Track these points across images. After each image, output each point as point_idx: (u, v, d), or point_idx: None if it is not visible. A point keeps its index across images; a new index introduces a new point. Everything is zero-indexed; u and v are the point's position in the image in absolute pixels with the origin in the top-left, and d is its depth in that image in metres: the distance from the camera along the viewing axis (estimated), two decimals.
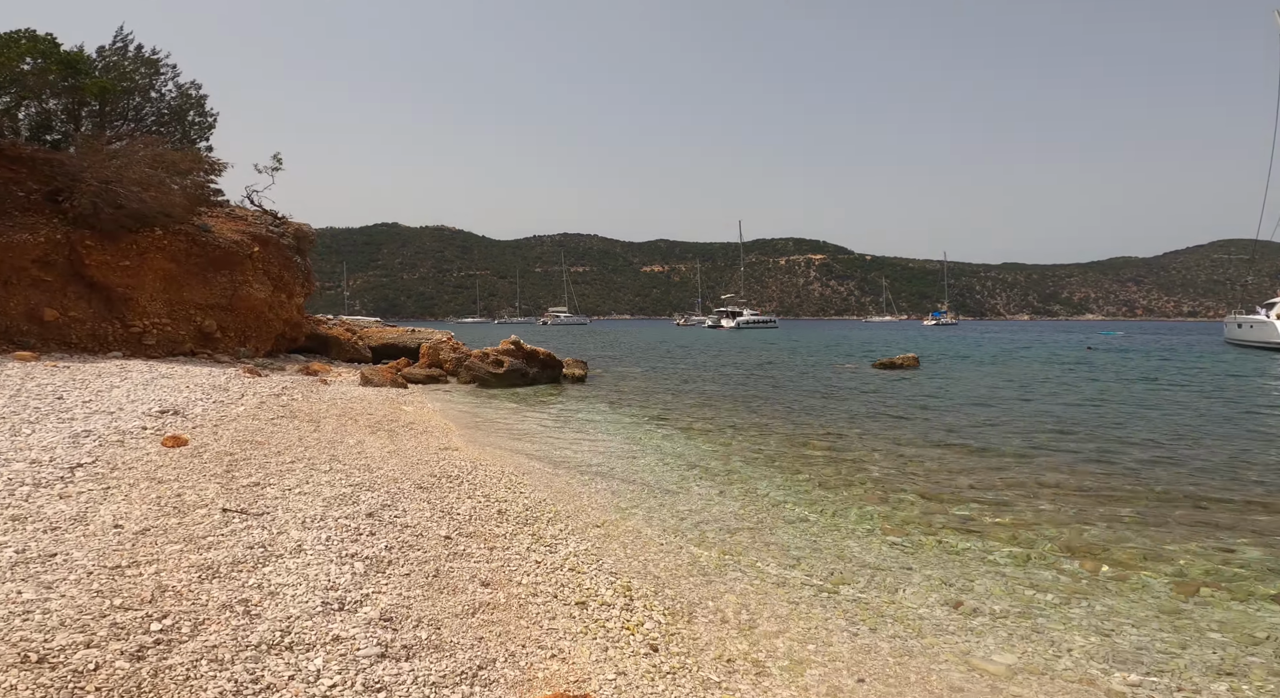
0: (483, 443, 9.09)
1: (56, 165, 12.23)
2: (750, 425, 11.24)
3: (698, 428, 11.10)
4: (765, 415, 12.24)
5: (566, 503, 6.42)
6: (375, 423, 9.01)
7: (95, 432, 6.33)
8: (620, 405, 13.55)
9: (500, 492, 6.33)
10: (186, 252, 13.70)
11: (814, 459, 8.77)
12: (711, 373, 21.10)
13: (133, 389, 8.63)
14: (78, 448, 5.77)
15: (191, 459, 5.67)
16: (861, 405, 13.51)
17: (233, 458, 5.84)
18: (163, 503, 4.44)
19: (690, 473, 8.04)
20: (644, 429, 10.88)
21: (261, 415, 8.13)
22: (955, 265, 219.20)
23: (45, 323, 11.82)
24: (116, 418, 6.99)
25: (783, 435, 10.38)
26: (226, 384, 10.11)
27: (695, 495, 7.07)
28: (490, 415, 11.82)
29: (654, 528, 5.92)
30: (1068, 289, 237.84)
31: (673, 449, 9.37)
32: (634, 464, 8.37)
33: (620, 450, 9.20)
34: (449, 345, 19.04)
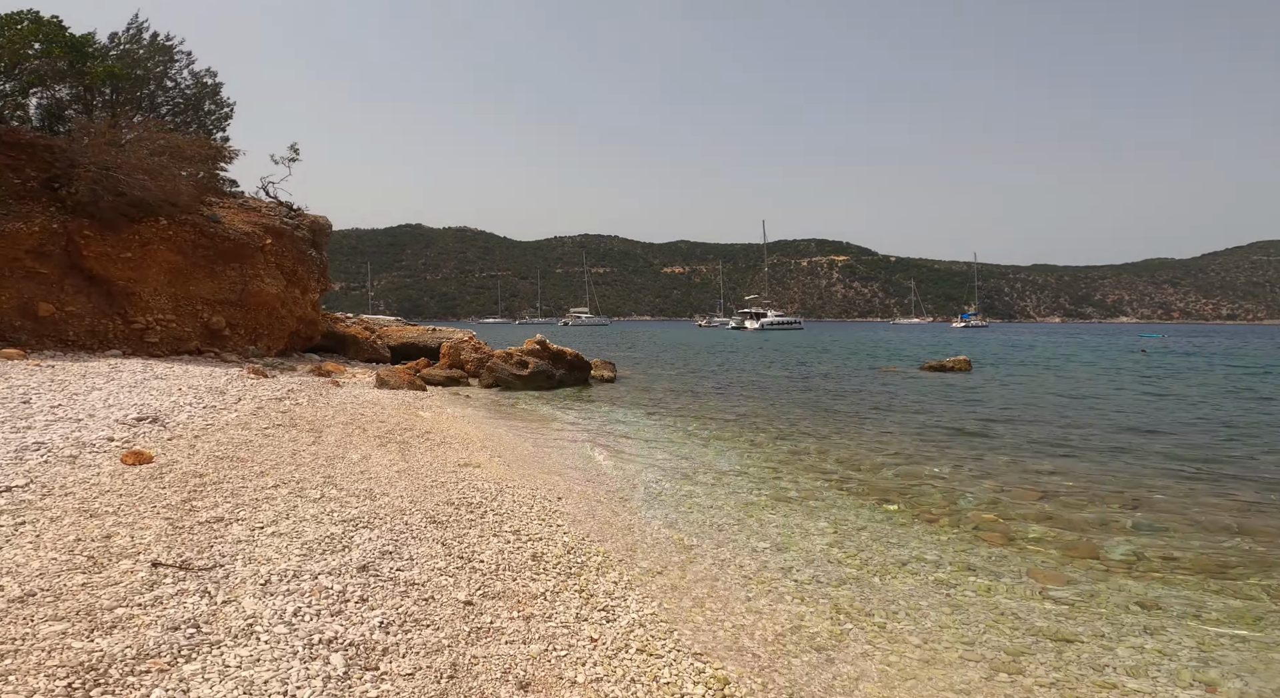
0: (508, 457, 7.89)
1: (56, 151, 11.37)
2: (809, 438, 9.88)
3: (748, 439, 9.79)
4: (824, 427, 10.86)
5: (616, 540, 5.17)
6: (386, 433, 7.86)
7: (48, 444, 5.24)
8: (657, 412, 12.28)
9: (533, 525, 5.11)
10: (194, 243, 12.77)
11: (898, 482, 7.39)
12: (748, 376, 19.73)
13: (115, 392, 7.59)
14: (17, 465, 4.68)
15: (148, 482, 4.53)
16: (931, 416, 12.04)
17: (200, 481, 4.69)
18: (79, 549, 3.28)
19: (755, 497, 6.75)
20: (689, 441, 9.60)
21: (254, 424, 7.02)
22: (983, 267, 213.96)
23: (40, 318, 10.94)
24: (82, 427, 5.92)
25: (853, 452, 9.01)
26: (225, 387, 9.06)
27: (770, 528, 5.77)
28: (515, 423, 10.64)
29: (732, 575, 4.66)
30: (1100, 291, 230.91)
31: (727, 466, 8.07)
32: (687, 486, 7.10)
33: (667, 467, 7.94)
34: (470, 345, 17.97)
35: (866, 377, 19.53)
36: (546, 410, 12.25)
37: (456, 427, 9.40)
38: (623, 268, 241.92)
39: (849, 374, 20.41)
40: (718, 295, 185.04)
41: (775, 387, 16.90)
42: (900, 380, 18.21)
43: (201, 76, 15.97)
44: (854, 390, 15.95)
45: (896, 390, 15.86)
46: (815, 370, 21.86)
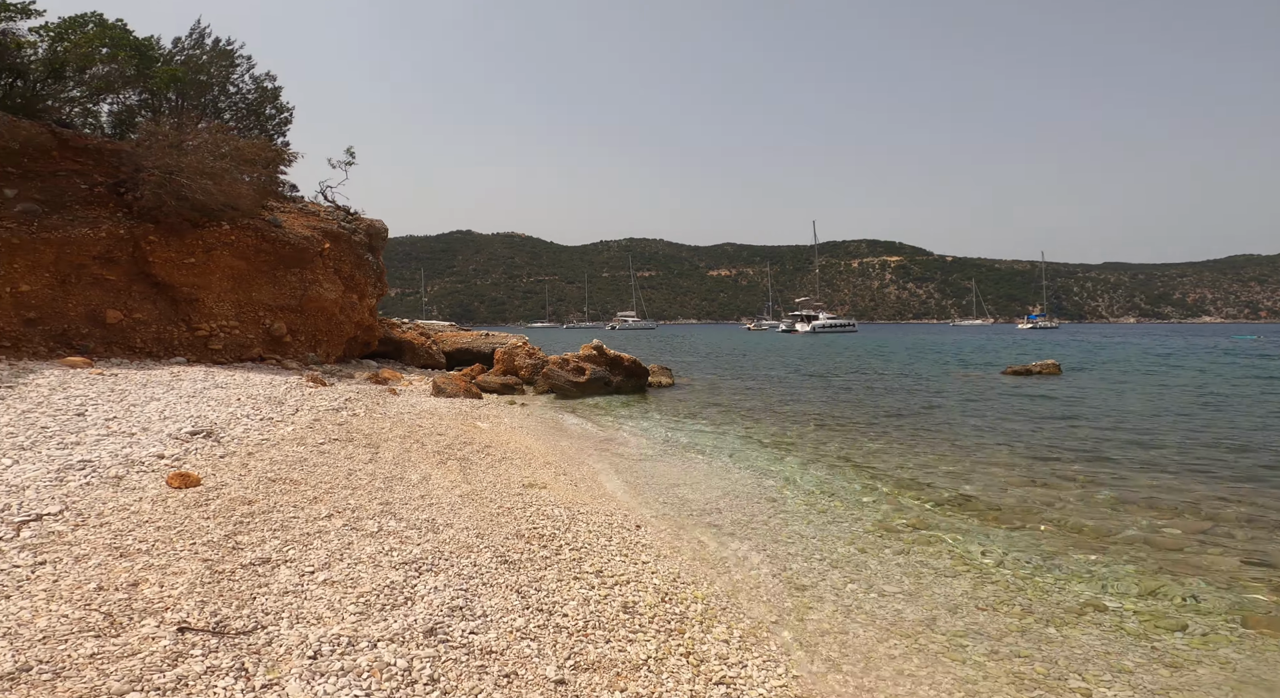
0: (573, 475, 7.24)
1: (123, 156, 11.45)
2: (902, 452, 8.86)
3: (834, 453, 8.85)
4: (917, 440, 9.79)
5: (712, 580, 4.42)
6: (445, 447, 7.32)
7: (95, 463, 4.85)
8: (725, 422, 11.45)
9: (615, 562, 4.41)
10: (255, 248, 12.71)
11: (1028, 507, 6.34)
12: (811, 382, 18.63)
13: (173, 403, 7.31)
14: (57, 488, 4.26)
15: (191, 511, 4.03)
16: (1036, 426, 10.77)
17: (249, 510, 4.16)
18: (98, 602, 2.74)
19: (862, 525, 5.87)
20: (766, 455, 8.74)
21: (310, 439, 6.57)
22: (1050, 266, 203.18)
23: (108, 325, 10.98)
24: (133, 443, 5.55)
25: (961, 469, 7.95)
26: (283, 396, 8.75)
27: (892, 565, 4.91)
28: (576, 434, 10.01)
29: (864, 627, 3.87)
30: (1179, 290, 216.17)
31: (815, 486, 7.19)
32: (779, 511, 6.27)
33: (750, 488, 7.12)
34: (524, 351, 17.54)
35: (945, 382, 18.14)
36: (607, 420, 11.59)
37: (516, 440, 8.83)
38: (668, 271, 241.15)
39: (925, 379, 19.03)
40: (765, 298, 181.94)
41: (846, 393, 15.79)
42: (985, 387, 16.77)
43: (261, 80, 16.12)
44: (937, 398, 14.70)
45: (986, 398, 14.53)
46: (885, 375, 20.54)
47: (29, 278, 9.62)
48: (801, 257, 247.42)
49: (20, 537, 3.49)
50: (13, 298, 9.37)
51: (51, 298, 10.07)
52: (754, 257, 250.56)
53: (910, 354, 33.27)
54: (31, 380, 7.40)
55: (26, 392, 6.85)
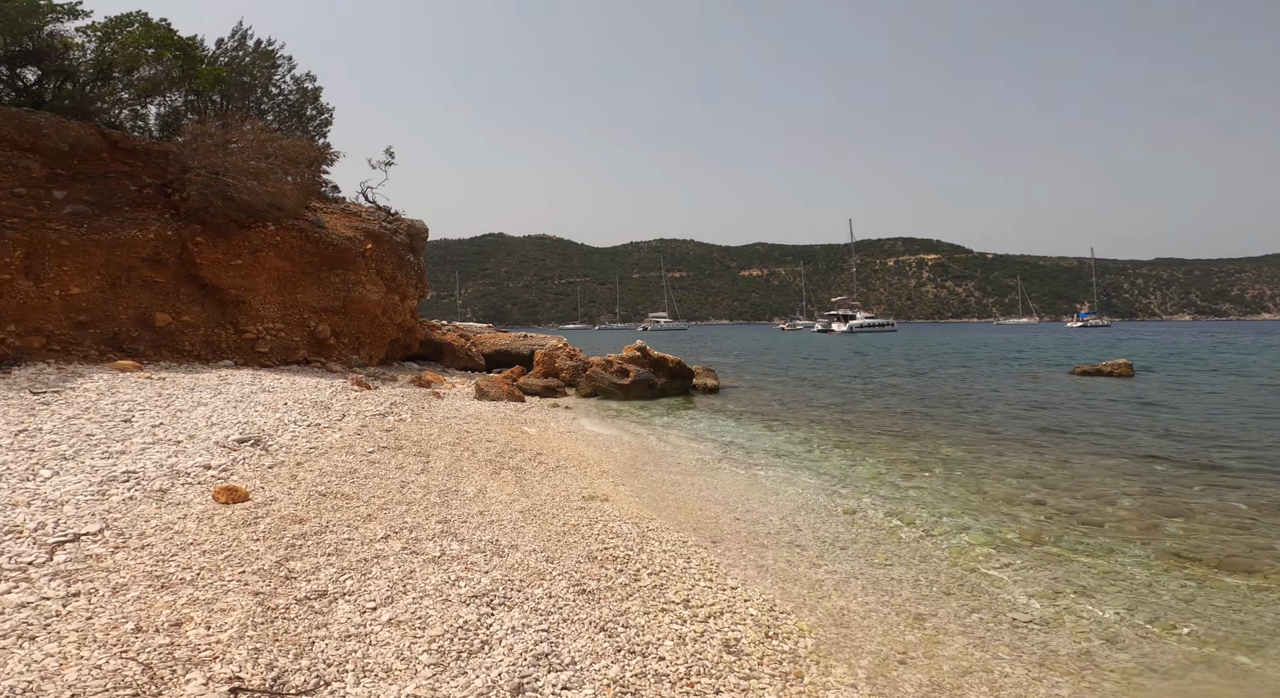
0: (633, 485, 6.76)
1: (170, 157, 11.43)
2: (981, 459, 8.12)
3: (907, 460, 8.18)
4: (994, 446, 9.02)
5: (814, 608, 3.92)
6: (496, 455, 6.92)
7: (139, 474, 4.56)
8: (782, 428, 10.83)
9: (700, 588, 3.92)
10: (299, 249, 12.60)
11: (1148, 520, 5.60)
12: (860, 383, 17.81)
13: (220, 409, 7.07)
14: (98, 503, 3.96)
15: (239, 530, 3.66)
16: (1120, 429, 9.86)
17: (300, 530, 3.78)
18: (135, 648, 2.36)
19: (966, 537, 5.24)
20: (836, 465, 8.11)
21: (359, 447, 6.23)
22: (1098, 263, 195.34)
23: (157, 328, 10.94)
24: (179, 451, 5.27)
25: (1054, 478, 7.19)
26: (329, 400, 8.48)
27: (1015, 587, 4.30)
28: (626, 440, 9.53)
29: (1009, 662, 3.31)
30: (1238, 286, 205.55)
31: (896, 494, 6.54)
32: (864, 527, 5.67)
33: (826, 500, 6.53)
34: (565, 352, 17.17)
35: (1007, 383, 17.13)
36: (657, 425, 11.09)
37: (567, 446, 8.39)
38: (699, 272, 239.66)
39: (984, 380, 18.04)
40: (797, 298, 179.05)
41: (902, 395, 14.98)
42: (1054, 388, 15.74)
43: (302, 81, 16.10)
44: (1003, 400, 13.80)
45: (1057, 400, 13.57)
46: (940, 376, 19.57)
47: (79, 281, 9.59)
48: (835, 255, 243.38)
49: (54, 561, 3.16)
50: (63, 301, 9.34)
51: (102, 301, 10.04)
52: (786, 256, 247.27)
53: (960, 354, 31.96)
54: (79, 385, 7.25)
55: (74, 396, 6.68)
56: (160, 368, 9.71)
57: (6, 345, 8.25)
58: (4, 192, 9.08)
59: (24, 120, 10.07)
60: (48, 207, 9.53)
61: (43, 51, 12.19)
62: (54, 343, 9.18)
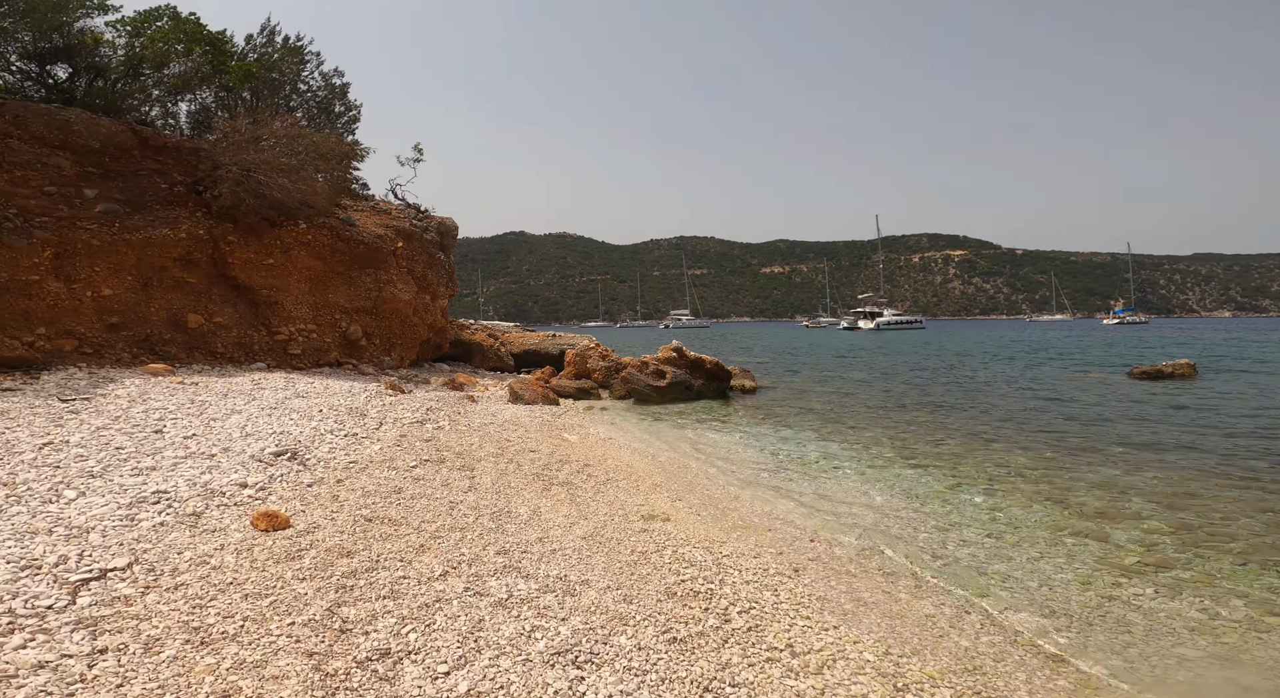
0: (690, 501, 6.26)
1: (201, 154, 11.18)
2: (1060, 470, 7.43)
3: (979, 470, 7.55)
4: (1078, 457, 8.31)
5: (936, 649, 3.42)
6: (543, 468, 6.46)
7: (171, 494, 4.17)
8: (833, 434, 10.23)
9: (801, 629, 3.46)
10: (331, 248, 12.30)
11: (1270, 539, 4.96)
12: (902, 383, 17.08)
13: (254, 417, 6.72)
14: (127, 529, 3.57)
15: (283, 566, 3.24)
16: (1215, 439, 9.09)
17: (349, 566, 3.34)
18: None
19: (1081, 563, 4.64)
20: (903, 474, 7.51)
21: (400, 460, 5.81)
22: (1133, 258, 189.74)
23: (190, 330, 10.70)
24: (213, 467, 4.88)
25: (1168, 491, 6.49)
26: (364, 406, 8.11)
27: (1164, 619, 3.70)
28: (671, 446, 9.02)
29: None
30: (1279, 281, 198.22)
31: (989, 511, 5.94)
32: (959, 544, 5.09)
33: (906, 513, 5.96)
34: (597, 353, 16.71)
35: (1064, 386, 16.27)
36: (700, 430, 10.57)
37: (612, 456, 7.91)
38: (720, 269, 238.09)
39: (1043, 383, 17.18)
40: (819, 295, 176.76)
41: (951, 398, 14.24)
42: (1121, 392, 14.87)
43: (330, 77, 15.83)
44: (1063, 404, 13.01)
45: (1125, 406, 12.74)
46: (988, 378, 18.74)
47: (111, 281, 9.36)
48: (858, 252, 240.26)
49: (77, 605, 2.75)
50: (95, 302, 9.11)
51: (134, 302, 9.81)
52: (808, 253, 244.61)
53: (1000, 354, 30.89)
54: (110, 391, 6.95)
55: (104, 404, 6.37)
56: (193, 371, 9.45)
57: (36, 349, 8.01)
58: (33, 190, 8.86)
59: (54, 117, 9.86)
60: (78, 205, 9.30)
61: (73, 48, 12.04)
62: (86, 346, 8.95)
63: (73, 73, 12.63)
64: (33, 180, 9.03)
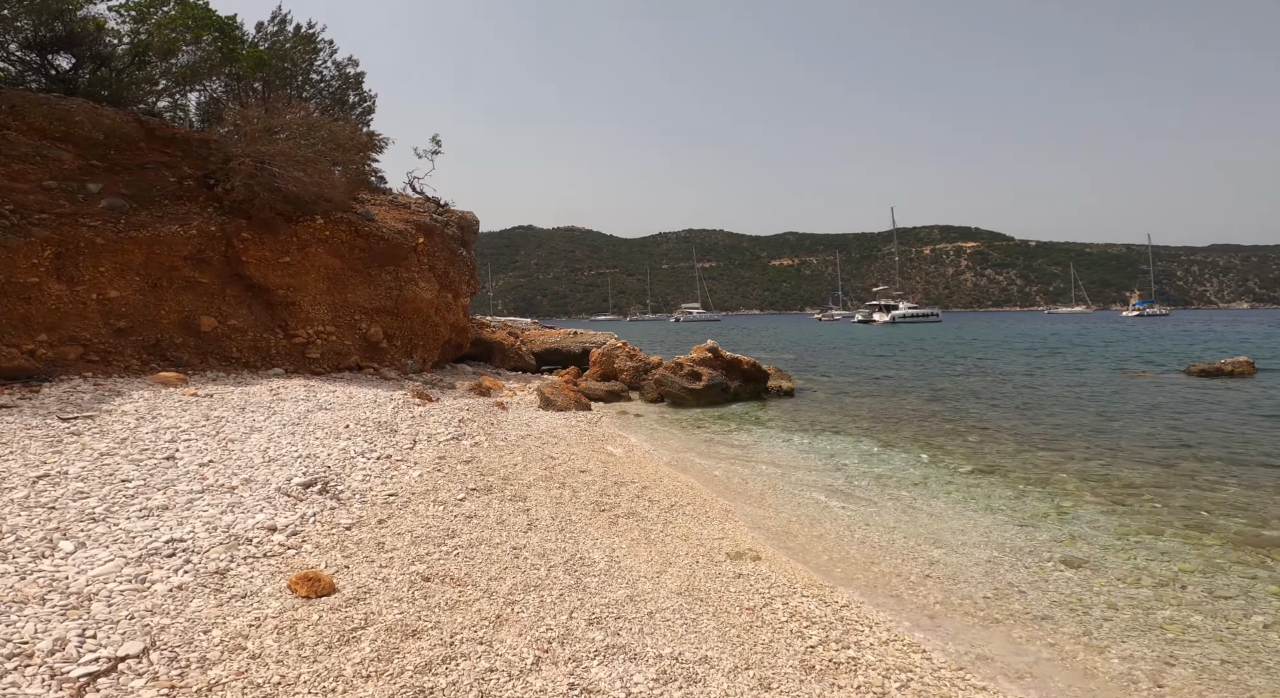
0: (770, 527, 5.52)
1: (213, 146, 10.48)
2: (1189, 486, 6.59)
3: (1076, 487, 6.75)
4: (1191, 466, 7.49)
5: None
6: (600, 495, 5.73)
7: (189, 542, 3.47)
8: (896, 443, 9.44)
9: None
10: (349, 245, 11.59)
11: None
12: (944, 383, 16.22)
13: (276, 436, 6.02)
14: (138, 595, 2.88)
15: (338, 655, 2.52)
16: None
17: (419, 652, 2.62)
18: None
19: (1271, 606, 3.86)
20: (997, 493, 6.72)
21: (444, 490, 5.10)
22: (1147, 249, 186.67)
23: (203, 334, 10.04)
24: (235, 504, 4.18)
25: None
26: (393, 419, 7.41)
27: None
28: (726, 461, 8.25)
29: None
30: None
31: (1124, 540, 5.13)
32: (1107, 583, 4.31)
33: (1023, 543, 5.18)
34: (625, 352, 15.97)
35: (1120, 385, 15.39)
36: (745, 438, 9.80)
37: (666, 473, 7.17)
38: (729, 262, 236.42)
39: (1088, 381, 16.30)
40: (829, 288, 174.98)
41: (1008, 401, 13.38)
42: (1180, 392, 13.98)
43: (344, 66, 15.10)
44: (1133, 406, 12.15)
45: (1202, 410, 11.87)
46: (1033, 376, 17.86)
47: (117, 282, 8.68)
48: (868, 244, 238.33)
49: None
50: (100, 305, 8.44)
51: (143, 304, 9.14)
52: (817, 245, 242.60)
53: (1030, 349, 29.91)
54: (117, 406, 6.26)
55: (109, 423, 5.68)
56: (206, 379, 8.78)
57: (38, 358, 7.34)
58: (32, 184, 8.18)
59: (54, 107, 9.18)
60: (81, 201, 8.62)
61: (75, 36, 11.35)
62: (91, 353, 8.28)
63: (76, 63, 11.95)
64: (31, 174, 8.35)
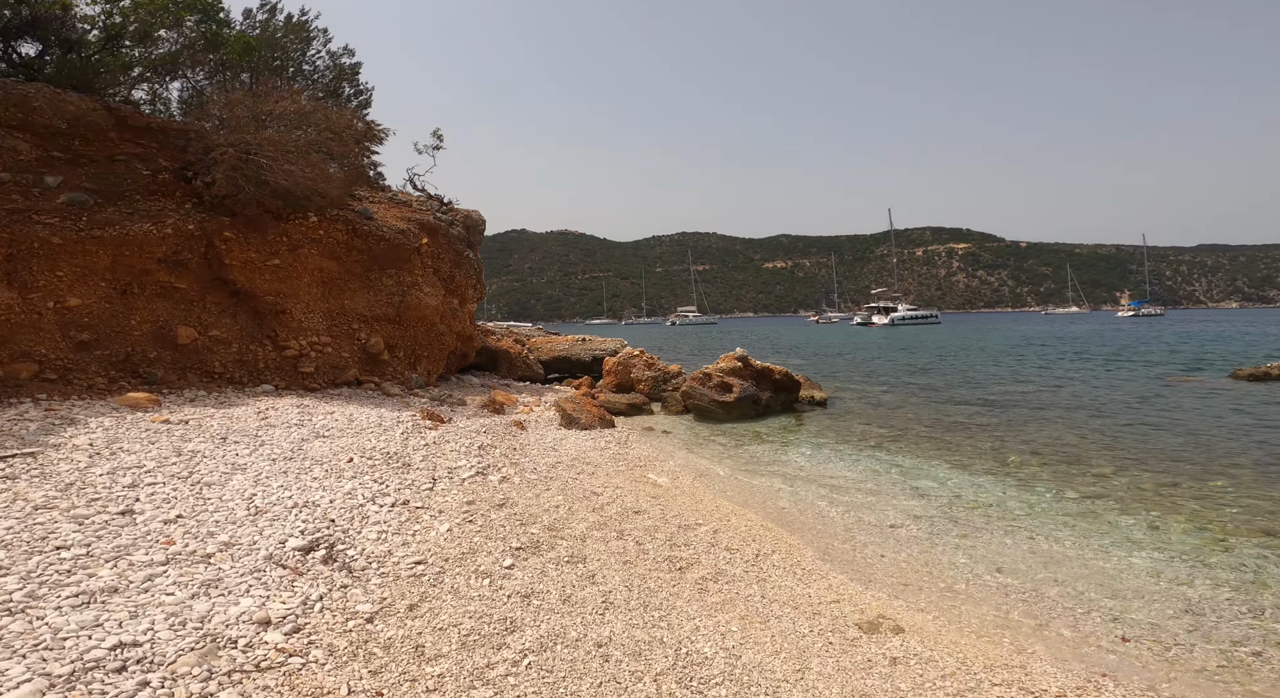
0: (884, 581, 4.46)
1: (193, 136, 9.34)
2: None
3: (1192, 512, 5.73)
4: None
5: None
6: (669, 546, 4.65)
7: (145, 650, 2.37)
8: (963, 461, 8.39)
9: None
10: (346, 245, 10.46)
11: None
12: (987, 392, 15.25)
13: (265, 476, 4.90)
14: None
15: None
16: None
17: None
18: None
19: None
20: (1117, 522, 5.68)
21: (484, 551, 3.99)
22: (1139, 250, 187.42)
23: (180, 346, 8.87)
24: (212, 583, 3.07)
25: None
26: (404, 449, 6.29)
27: None
28: (789, 490, 7.17)
29: None
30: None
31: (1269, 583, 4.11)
32: None
33: (1208, 592, 4.12)
34: (643, 361, 14.90)
35: (1168, 391, 14.47)
36: (794, 457, 8.74)
37: (735, 514, 6.09)
38: (722, 265, 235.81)
39: (1135, 388, 15.38)
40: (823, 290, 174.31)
41: (1062, 409, 12.40)
42: (1245, 399, 13.06)
43: (339, 56, 13.97)
44: (1213, 418, 11.21)
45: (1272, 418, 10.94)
46: (1072, 380, 16.92)
47: (79, 289, 7.52)
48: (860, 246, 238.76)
49: None
50: (58, 315, 7.27)
51: (109, 314, 7.97)
52: (810, 247, 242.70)
53: (1049, 351, 29.08)
54: (68, 439, 5.11)
55: (56, 461, 4.54)
56: (184, 398, 7.62)
57: None
58: None
59: (9, 92, 8.02)
60: (37, 195, 7.45)
61: (40, 19, 10.18)
62: (48, 370, 7.11)
63: (42, 48, 10.78)
64: None
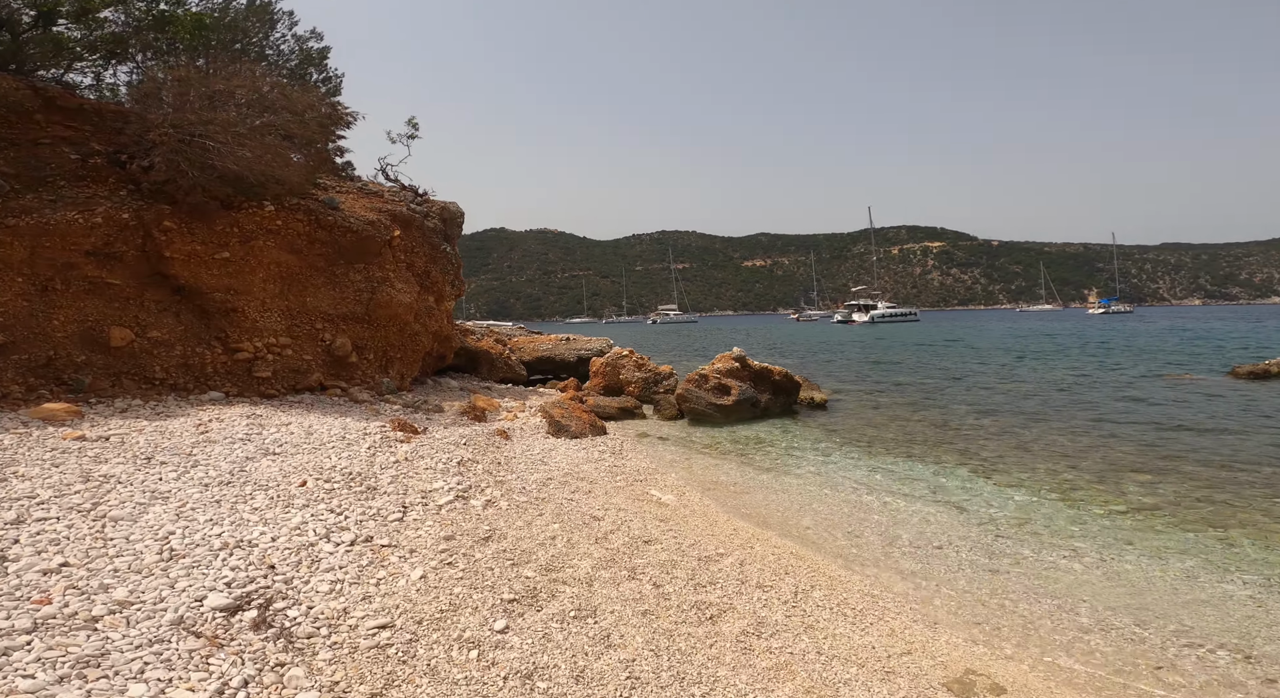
0: (963, 621, 3.71)
1: (130, 118, 8.31)
2: None
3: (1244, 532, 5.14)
4: None
5: None
6: (696, 589, 3.89)
7: None
8: (986, 471, 7.75)
9: None
10: (308, 237, 9.49)
11: None
12: (990, 393, 14.77)
13: (191, 508, 4.01)
14: None
15: None
16: None
17: None
18: None
19: None
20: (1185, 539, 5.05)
21: (468, 608, 3.16)
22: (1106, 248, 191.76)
23: (114, 349, 7.84)
24: (89, 661, 2.19)
25: None
26: (370, 468, 5.41)
27: None
28: (807, 499, 6.44)
29: None
30: (1246, 269, 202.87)
31: None
32: None
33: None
34: (632, 362, 14.10)
35: (1170, 390, 14.11)
36: (812, 469, 8.02)
37: (757, 538, 5.34)
38: (702, 263, 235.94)
39: (1136, 387, 15.02)
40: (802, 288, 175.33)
41: (1075, 412, 11.91)
42: (1249, 397, 12.72)
43: (305, 40, 12.90)
44: (1232, 419, 10.78)
45: None
46: (1072, 381, 16.55)
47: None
48: (838, 244, 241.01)
49: None
50: None
51: (27, 313, 6.94)
52: (789, 246, 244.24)
53: (1036, 349, 28.96)
54: None
55: None
56: (114, 409, 6.64)
57: None
58: None
59: None
60: None
61: None
62: None
63: None
64: None
